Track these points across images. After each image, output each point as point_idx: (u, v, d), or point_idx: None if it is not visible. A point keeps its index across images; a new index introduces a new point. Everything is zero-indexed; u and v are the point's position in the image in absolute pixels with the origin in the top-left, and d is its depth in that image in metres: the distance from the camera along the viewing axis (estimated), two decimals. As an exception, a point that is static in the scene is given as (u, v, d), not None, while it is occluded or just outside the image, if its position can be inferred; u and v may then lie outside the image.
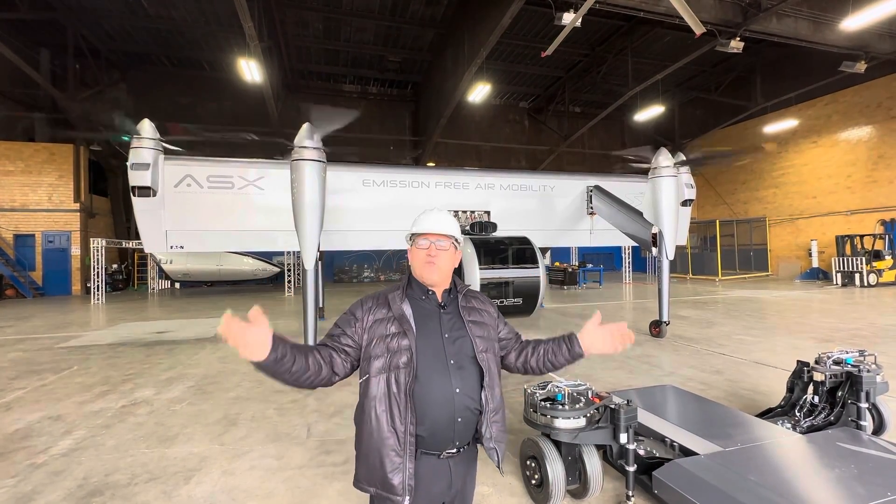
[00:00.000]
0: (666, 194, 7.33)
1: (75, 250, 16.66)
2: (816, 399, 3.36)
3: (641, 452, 2.75)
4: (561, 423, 2.58)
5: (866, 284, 14.88)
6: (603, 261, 22.33)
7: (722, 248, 20.17)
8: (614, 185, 8.61)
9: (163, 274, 18.22)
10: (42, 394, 5.03)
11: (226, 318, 1.22)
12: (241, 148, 6.95)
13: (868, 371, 3.16)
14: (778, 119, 19.75)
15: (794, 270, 19.45)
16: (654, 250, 7.44)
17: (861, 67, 13.80)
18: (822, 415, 3.29)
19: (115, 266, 18.58)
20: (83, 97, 15.90)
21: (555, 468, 2.58)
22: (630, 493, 2.57)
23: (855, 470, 2.32)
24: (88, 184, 17.37)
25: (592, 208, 8.51)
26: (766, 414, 3.55)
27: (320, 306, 9.71)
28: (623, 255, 20.33)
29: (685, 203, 7.89)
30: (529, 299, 6.63)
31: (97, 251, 14.85)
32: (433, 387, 1.42)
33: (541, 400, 2.72)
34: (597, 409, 2.66)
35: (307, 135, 5.97)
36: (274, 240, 7.15)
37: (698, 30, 6.67)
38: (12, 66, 12.94)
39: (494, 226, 7.35)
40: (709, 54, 14.66)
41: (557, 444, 2.65)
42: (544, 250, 11.85)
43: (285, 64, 17.82)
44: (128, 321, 10.47)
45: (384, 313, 1.50)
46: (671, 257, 7.48)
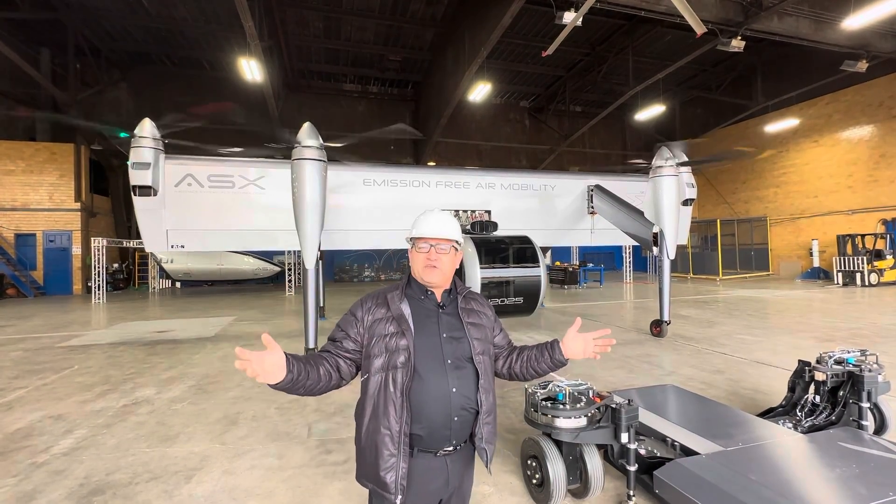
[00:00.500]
0: (667, 193, 7.32)
1: (76, 250, 16.69)
2: (818, 398, 3.35)
3: (642, 452, 2.75)
4: (562, 423, 2.58)
5: (867, 284, 14.86)
6: (604, 260, 22.33)
7: (723, 248, 20.13)
8: (615, 185, 8.59)
9: (163, 273, 18.25)
10: (43, 393, 5.04)
11: (238, 352, 1.25)
12: (243, 139, 6.92)
13: (870, 371, 3.16)
14: (779, 118, 19.71)
15: (795, 270, 19.43)
16: (655, 250, 7.43)
17: (862, 66, 13.79)
18: (824, 414, 3.28)
19: (116, 265, 18.61)
20: (84, 96, 15.93)
21: (556, 467, 2.58)
22: (631, 493, 2.57)
23: (856, 470, 2.32)
24: (89, 183, 17.39)
25: (593, 207, 8.50)
26: (768, 413, 3.55)
27: (321, 305, 9.72)
28: (624, 255, 20.33)
29: (686, 202, 7.88)
30: (530, 298, 6.63)
31: (98, 250, 14.88)
32: (430, 386, 1.43)
33: (542, 399, 2.72)
34: (598, 409, 2.65)
35: (308, 134, 5.97)
36: (275, 239, 7.14)
37: (699, 29, 6.67)
38: (13, 66, 12.95)
39: (495, 225, 7.34)
40: (710, 53, 14.64)
41: (558, 444, 2.65)
42: (545, 249, 11.86)
43: (286, 63, 17.82)
44: (128, 320, 10.48)
45: (383, 313, 1.50)
46: (672, 257, 7.48)
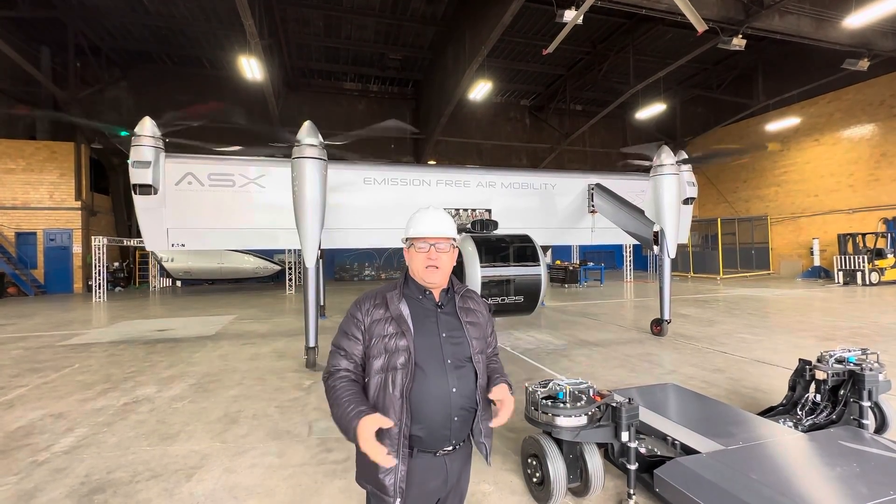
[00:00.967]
0: (667, 192, 7.30)
1: (77, 248, 16.70)
2: (818, 397, 3.35)
3: (643, 451, 2.74)
4: (562, 421, 2.58)
5: (868, 283, 14.85)
6: (604, 259, 22.31)
7: (723, 247, 20.12)
8: (615, 183, 8.57)
9: (164, 272, 18.25)
10: (44, 391, 5.05)
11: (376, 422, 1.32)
12: (243, 137, 6.89)
13: (870, 370, 3.15)
14: (780, 117, 19.68)
15: (796, 269, 19.41)
16: (656, 248, 7.42)
17: (864, 65, 13.75)
18: (824, 413, 3.28)
19: (117, 264, 18.62)
20: (84, 95, 15.91)
21: (556, 466, 2.58)
22: (631, 492, 2.57)
23: (857, 468, 2.32)
24: (90, 182, 17.38)
25: (594, 206, 8.48)
26: (768, 412, 3.55)
27: (321, 304, 9.71)
28: (624, 254, 20.32)
29: (687, 201, 7.87)
30: (531, 297, 6.61)
31: (98, 249, 14.89)
32: (430, 386, 1.43)
33: (542, 398, 2.72)
34: (598, 408, 2.65)
35: (308, 132, 5.96)
36: (275, 238, 7.14)
37: (700, 27, 6.65)
38: (13, 64, 12.93)
39: (495, 224, 7.32)
40: (711, 52, 14.61)
41: (559, 442, 2.65)
42: (545, 248, 11.84)
43: (286, 62, 17.79)
44: (129, 319, 10.49)
45: (382, 314, 1.50)
46: (672, 255, 7.47)
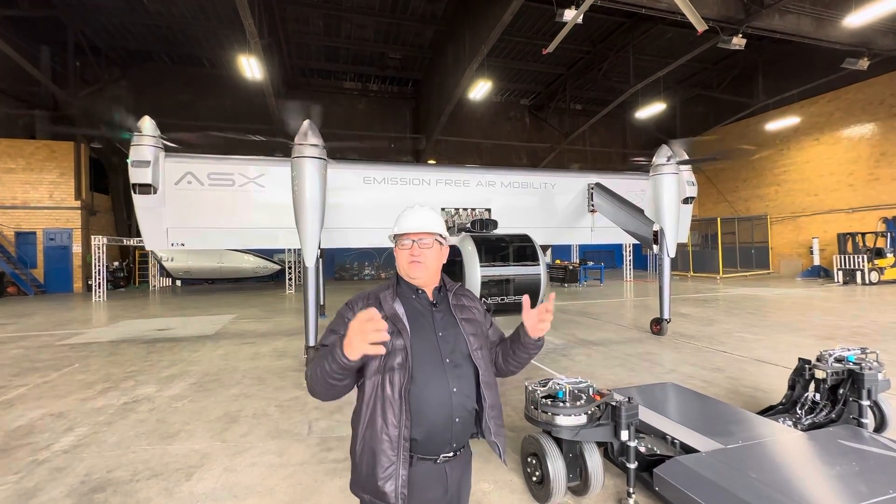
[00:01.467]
0: (667, 191, 7.31)
1: (76, 248, 16.70)
2: (818, 396, 3.36)
3: (642, 449, 2.75)
4: (562, 420, 2.59)
5: (868, 282, 14.86)
6: (604, 258, 22.30)
7: (723, 246, 20.14)
8: (615, 183, 8.56)
9: (164, 271, 18.25)
10: (44, 391, 5.05)
11: (374, 313, 1.19)
12: (244, 147, 6.91)
13: (870, 369, 3.16)
14: (780, 116, 19.67)
15: (796, 268, 19.42)
16: (656, 248, 7.43)
17: (864, 64, 13.75)
18: (824, 412, 3.29)
19: (117, 263, 18.62)
20: (84, 94, 15.90)
21: (556, 465, 2.59)
22: (631, 490, 2.58)
23: (856, 467, 2.32)
24: (89, 181, 17.38)
25: (593, 206, 8.47)
26: (768, 411, 3.55)
27: (321, 304, 9.72)
28: (624, 253, 20.33)
29: (686, 200, 7.87)
30: (530, 297, 6.62)
31: (98, 248, 14.88)
32: (430, 387, 1.39)
33: (542, 397, 2.72)
34: (598, 407, 2.66)
35: (308, 132, 5.95)
36: (275, 237, 7.13)
37: (700, 27, 6.65)
38: (13, 64, 12.92)
39: (495, 223, 7.32)
40: (711, 51, 14.61)
41: (558, 441, 2.66)
42: (545, 248, 11.83)
43: (286, 61, 17.78)
44: (129, 318, 10.48)
45: None
46: (672, 255, 7.47)
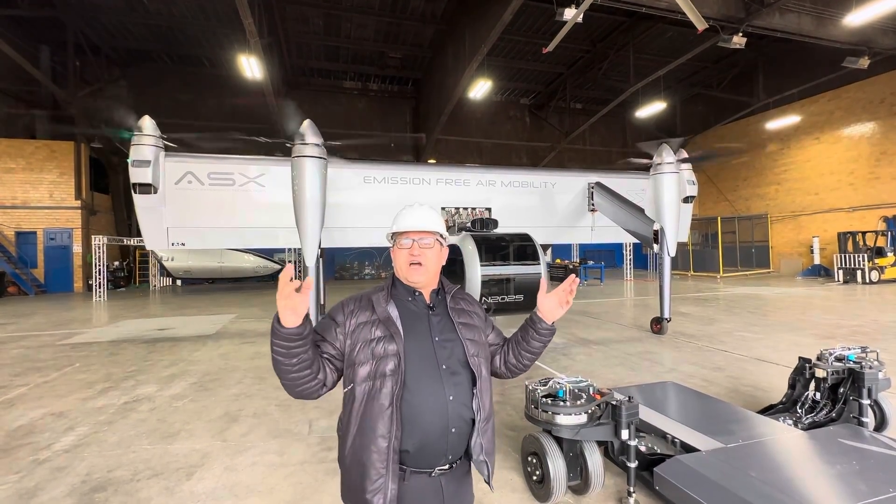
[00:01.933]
0: (667, 191, 7.31)
1: (77, 248, 16.70)
2: (818, 395, 3.36)
3: (643, 449, 2.75)
4: (562, 420, 2.59)
5: (868, 281, 14.86)
6: (604, 258, 22.29)
7: (723, 245, 20.12)
8: (615, 182, 8.56)
9: (164, 271, 18.25)
10: (44, 390, 5.05)
11: (290, 270, 1.19)
12: (245, 147, 6.92)
13: (870, 368, 3.16)
14: (780, 115, 19.66)
15: (796, 267, 19.41)
16: (656, 247, 7.43)
17: (864, 63, 13.73)
18: (824, 411, 3.29)
19: (117, 263, 18.62)
20: (83, 94, 15.90)
21: (556, 464, 2.59)
22: (631, 490, 2.58)
23: (856, 466, 2.32)
24: (89, 181, 17.37)
25: (594, 205, 8.48)
26: (768, 410, 3.55)
27: (322, 303, 9.72)
28: (624, 252, 20.32)
29: (687, 200, 7.87)
30: (531, 296, 6.62)
31: (98, 248, 14.89)
32: (425, 395, 1.30)
33: (542, 396, 2.72)
34: (598, 406, 2.66)
35: (308, 131, 5.96)
36: (275, 237, 7.14)
37: (700, 25, 6.65)
38: (13, 63, 12.91)
39: (495, 222, 7.32)
40: (711, 50, 14.60)
41: (559, 441, 2.66)
42: (545, 247, 11.83)
43: (286, 61, 17.78)
44: (129, 318, 10.49)
45: (368, 316, 1.37)
46: (672, 254, 7.48)
